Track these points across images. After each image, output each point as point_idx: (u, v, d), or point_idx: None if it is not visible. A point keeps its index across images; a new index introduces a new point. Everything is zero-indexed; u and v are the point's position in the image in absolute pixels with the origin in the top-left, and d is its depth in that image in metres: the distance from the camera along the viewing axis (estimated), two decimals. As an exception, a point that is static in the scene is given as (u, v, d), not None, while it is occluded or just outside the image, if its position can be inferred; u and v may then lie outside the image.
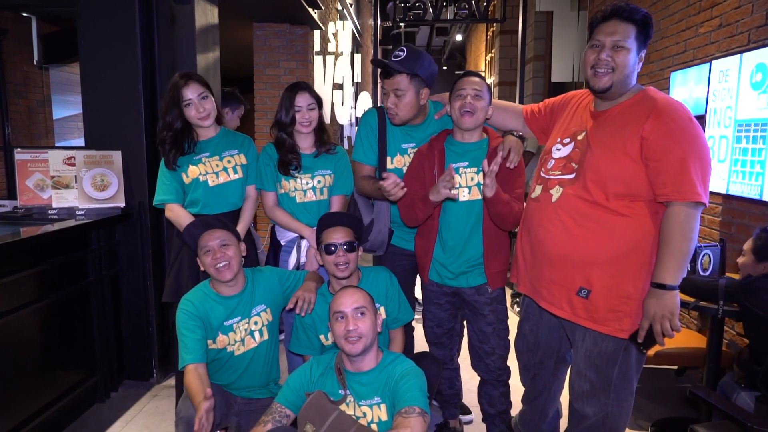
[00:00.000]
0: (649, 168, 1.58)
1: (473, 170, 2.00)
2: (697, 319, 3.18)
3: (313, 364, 1.82)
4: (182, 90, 2.18)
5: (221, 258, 1.92)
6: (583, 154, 1.69)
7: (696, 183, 1.53)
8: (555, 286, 1.74)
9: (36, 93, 5.36)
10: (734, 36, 2.87)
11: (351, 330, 1.67)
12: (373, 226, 2.26)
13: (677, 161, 1.54)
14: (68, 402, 2.50)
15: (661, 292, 1.57)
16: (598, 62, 1.64)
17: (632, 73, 1.65)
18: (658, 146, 1.56)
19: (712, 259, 2.38)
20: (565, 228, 1.69)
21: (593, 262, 1.65)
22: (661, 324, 1.57)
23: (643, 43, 1.65)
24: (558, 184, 1.73)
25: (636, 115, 1.62)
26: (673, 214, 1.55)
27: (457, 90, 1.98)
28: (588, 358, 1.72)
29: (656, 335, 1.59)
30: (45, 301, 2.37)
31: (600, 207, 1.64)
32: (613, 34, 1.62)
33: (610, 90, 1.66)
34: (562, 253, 1.70)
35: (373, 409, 1.70)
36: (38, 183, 2.76)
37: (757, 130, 2.51)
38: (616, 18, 1.63)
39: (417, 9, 6.77)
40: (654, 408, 2.77)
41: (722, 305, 2.13)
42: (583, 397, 1.76)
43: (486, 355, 2.11)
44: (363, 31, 8.99)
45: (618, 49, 1.62)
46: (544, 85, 6.84)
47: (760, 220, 2.64)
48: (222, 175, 2.26)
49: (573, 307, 1.70)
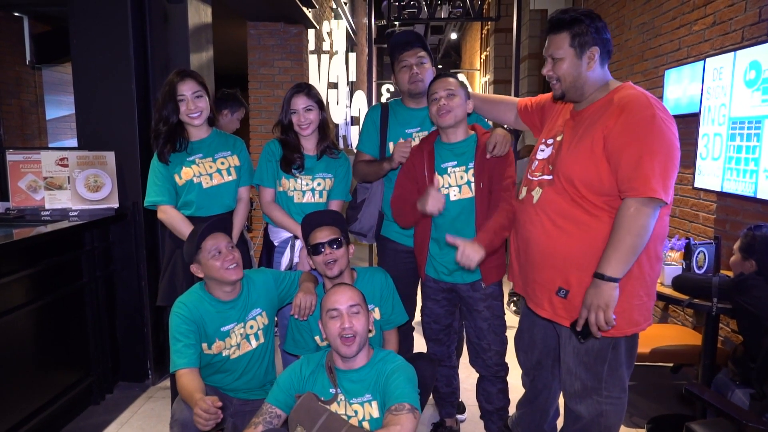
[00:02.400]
0: (610, 165, 1.58)
1: (462, 169, 2.02)
2: (692, 316, 3.20)
3: (303, 362, 1.80)
4: (178, 85, 2.17)
5: (231, 260, 1.90)
6: (557, 155, 1.72)
7: (651, 179, 1.50)
8: (537, 287, 1.76)
9: (29, 93, 5.31)
10: (728, 33, 2.88)
11: (347, 327, 1.65)
12: (364, 207, 2.32)
13: (632, 157, 1.53)
14: (63, 404, 2.49)
15: (599, 282, 1.56)
16: (547, 77, 1.74)
17: (580, 76, 1.66)
18: (616, 142, 1.56)
19: (707, 256, 2.39)
20: (544, 229, 1.71)
21: (570, 262, 1.66)
22: (596, 315, 1.57)
23: (588, 43, 1.64)
24: (538, 186, 1.76)
25: (604, 113, 1.62)
26: (623, 207, 1.55)
27: (431, 95, 2.01)
28: (576, 356, 1.73)
29: (590, 325, 1.59)
30: (39, 302, 2.35)
31: (575, 206, 1.65)
32: (548, 49, 1.71)
33: (565, 97, 1.73)
34: (543, 253, 1.72)
35: (364, 406, 1.69)
36: (31, 184, 2.74)
37: (751, 128, 2.51)
38: (550, 32, 1.69)
39: (411, 7, 6.76)
40: (650, 405, 2.78)
41: (716, 303, 2.14)
42: (576, 396, 1.76)
43: (483, 351, 2.11)
44: (358, 29, 8.97)
45: (555, 60, 1.69)
46: (538, 83, 6.84)
47: (754, 218, 2.64)
48: (216, 176, 2.25)
49: (554, 307, 1.72)
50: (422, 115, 2.28)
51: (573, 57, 1.65)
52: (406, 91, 2.28)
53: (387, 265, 2.30)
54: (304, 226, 2.05)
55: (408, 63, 2.23)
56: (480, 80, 11.23)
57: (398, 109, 2.35)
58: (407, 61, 2.23)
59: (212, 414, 1.57)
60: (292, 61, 5.16)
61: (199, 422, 1.58)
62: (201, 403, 1.58)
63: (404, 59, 2.24)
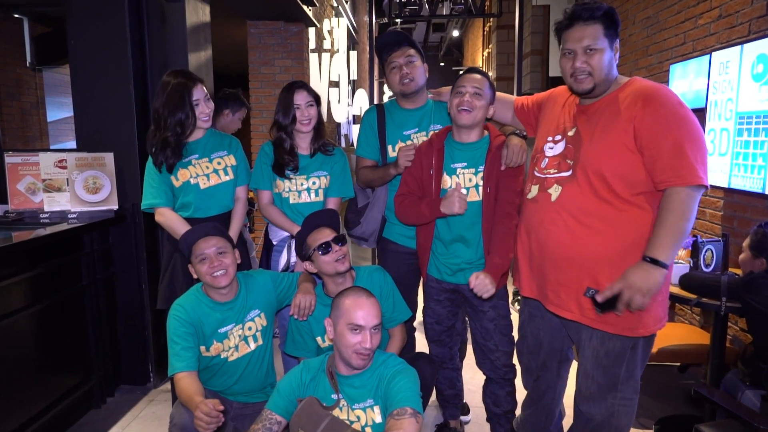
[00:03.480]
0: (645, 156, 1.55)
1: (471, 171, 1.98)
2: (699, 315, 3.15)
3: (302, 369, 1.77)
4: (193, 90, 2.13)
5: (218, 266, 1.88)
6: (578, 150, 1.66)
7: (695, 165, 1.50)
8: (562, 288, 1.70)
9: (29, 95, 5.31)
10: (734, 27, 2.83)
11: (368, 348, 1.62)
12: (367, 211, 2.28)
13: (673, 146, 1.51)
14: (64, 407, 2.47)
15: (650, 267, 1.52)
16: (576, 70, 1.63)
17: (612, 69, 1.64)
18: (651, 133, 1.53)
19: (714, 254, 2.35)
20: (568, 227, 1.65)
21: (599, 261, 1.61)
22: (632, 296, 1.52)
23: (613, 36, 1.62)
24: (556, 183, 1.70)
25: (624, 104, 1.60)
26: (674, 194, 1.52)
27: (458, 87, 1.95)
28: (595, 358, 1.69)
29: (621, 302, 1.54)
30: (38, 305, 2.33)
31: (602, 202, 1.60)
32: (582, 40, 1.61)
33: (593, 91, 1.66)
34: (567, 253, 1.66)
35: (367, 411, 1.67)
36: (29, 186, 2.71)
37: (759, 123, 2.47)
38: (580, 22, 1.61)
39: (413, 5, 6.74)
40: (657, 405, 2.74)
41: (725, 302, 2.10)
42: (590, 399, 1.73)
43: (490, 352, 2.08)
44: (359, 27, 8.93)
45: (591, 52, 1.61)
46: (541, 79, 6.79)
47: (762, 214, 2.60)
48: (213, 177, 2.22)
49: (581, 308, 1.66)
50: (419, 116, 2.25)
51: (608, 49, 1.61)
52: (398, 92, 2.23)
53: (388, 266, 2.26)
54: (304, 227, 2.03)
55: (397, 63, 2.18)
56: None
57: (394, 110, 2.31)
58: (396, 62, 2.18)
59: (214, 417, 1.54)
60: (292, 60, 5.13)
61: (200, 426, 1.55)
62: (202, 407, 1.55)
63: (393, 60, 2.19)
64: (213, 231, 1.94)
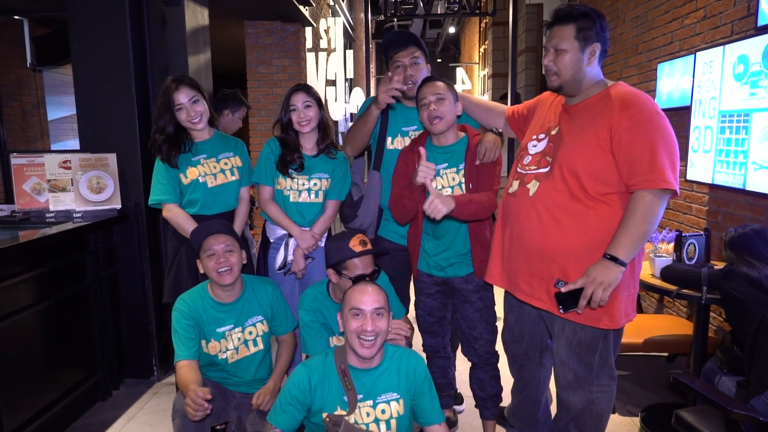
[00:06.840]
0: (619, 159, 1.63)
1: (453, 170, 2.06)
2: (686, 307, 3.24)
3: (307, 372, 1.69)
4: (173, 94, 2.21)
5: (224, 263, 1.94)
6: (557, 148, 1.75)
7: (665, 171, 1.57)
8: (534, 279, 1.79)
9: (30, 95, 5.37)
10: (718, 27, 2.91)
11: (369, 330, 1.61)
12: (363, 203, 2.33)
13: (646, 151, 1.59)
14: (70, 401, 2.56)
15: (610, 264, 1.61)
16: (545, 68, 1.77)
17: (580, 70, 1.71)
18: (626, 138, 1.61)
19: (697, 248, 2.43)
20: (540, 221, 1.74)
21: (569, 254, 1.70)
22: (594, 291, 1.61)
23: (591, 39, 1.69)
24: (534, 179, 1.79)
25: (604, 107, 1.68)
26: (641, 196, 1.60)
27: (420, 100, 2.03)
28: (569, 347, 1.78)
29: (584, 297, 1.63)
30: (45, 303, 2.41)
31: (574, 199, 1.69)
32: (552, 39, 1.73)
33: (561, 89, 1.76)
34: (539, 245, 1.75)
35: (391, 404, 1.69)
36: (35, 187, 2.79)
37: (740, 121, 2.55)
38: (556, 23, 1.72)
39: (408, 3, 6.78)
40: (644, 394, 2.83)
41: (705, 292, 2.18)
42: (568, 387, 1.82)
43: (474, 341, 2.16)
44: (355, 25, 8.98)
45: (558, 52, 1.71)
46: (536, 76, 6.86)
47: (744, 209, 2.69)
48: (220, 176, 2.31)
49: (552, 299, 1.75)
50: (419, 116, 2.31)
51: (576, 50, 1.69)
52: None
53: (384, 264, 2.34)
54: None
55: (402, 63, 2.22)
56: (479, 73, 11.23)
57: (397, 105, 2.34)
58: (401, 62, 2.22)
59: (198, 405, 1.64)
60: (290, 60, 5.19)
61: (188, 411, 1.68)
62: (191, 394, 1.66)
63: (398, 59, 2.22)
64: (224, 229, 2.01)
